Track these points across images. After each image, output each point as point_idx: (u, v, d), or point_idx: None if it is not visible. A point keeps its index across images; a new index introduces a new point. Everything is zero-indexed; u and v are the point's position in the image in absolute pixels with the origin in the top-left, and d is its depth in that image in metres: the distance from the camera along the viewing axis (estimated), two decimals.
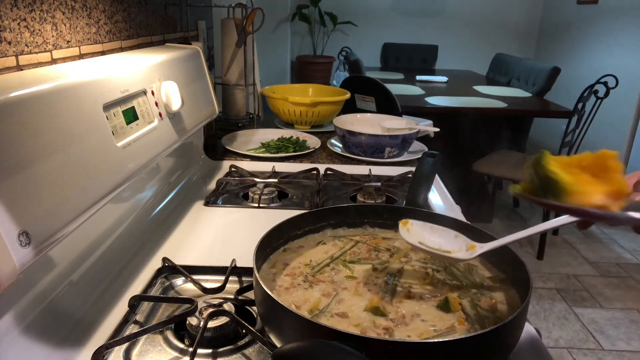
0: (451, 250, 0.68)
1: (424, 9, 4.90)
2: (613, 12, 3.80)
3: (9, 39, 0.73)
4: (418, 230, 0.71)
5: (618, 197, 0.52)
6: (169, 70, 1.03)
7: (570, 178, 0.51)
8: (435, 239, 0.70)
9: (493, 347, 0.55)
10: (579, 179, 0.52)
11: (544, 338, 2.16)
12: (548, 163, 0.52)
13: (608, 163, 0.51)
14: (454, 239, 0.70)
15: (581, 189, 0.51)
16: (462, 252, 0.68)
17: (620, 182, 0.51)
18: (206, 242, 0.95)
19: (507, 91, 3.40)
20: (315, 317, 0.61)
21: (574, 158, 0.53)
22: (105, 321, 0.69)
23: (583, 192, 0.51)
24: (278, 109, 1.71)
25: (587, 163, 0.52)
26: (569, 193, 0.51)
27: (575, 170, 0.52)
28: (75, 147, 0.66)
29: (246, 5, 1.58)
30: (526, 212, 3.49)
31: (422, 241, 0.70)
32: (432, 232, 0.71)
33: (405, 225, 0.71)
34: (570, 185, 0.51)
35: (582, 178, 0.52)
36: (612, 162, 0.51)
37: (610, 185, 0.51)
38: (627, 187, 0.51)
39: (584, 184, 0.51)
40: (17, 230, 0.53)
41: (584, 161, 0.52)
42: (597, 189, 0.51)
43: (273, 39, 4.42)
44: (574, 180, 0.51)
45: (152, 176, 1.08)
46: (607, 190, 0.51)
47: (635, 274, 2.77)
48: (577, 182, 0.51)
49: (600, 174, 0.52)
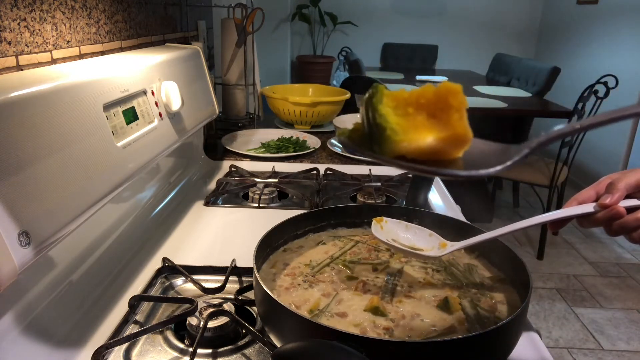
0: (424, 248, 0.68)
1: (424, 9, 4.90)
2: (613, 12, 3.80)
3: (9, 39, 0.73)
4: (392, 227, 0.71)
5: (458, 143, 0.44)
6: (169, 70, 1.03)
7: (400, 122, 0.43)
8: (409, 237, 0.70)
9: (493, 347, 0.55)
10: (411, 122, 0.43)
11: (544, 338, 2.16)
12: (379, 101, 0.43)
13: (450, 101, 0.43)
14: (428, 237, 0.70)
15: (408, 137, 0.42)
16: (434, 250, 0.68)
17: (458, 124, 0.43)
18: (206, 242, 0.95)
19: (507, 91, 3.40)
20: (315, 317, 0.61)
21: (413, 93, 0.44)
22: (105, 321, 0.69)
23: (410, 140, 0.42)
24: (278, 109, 1.71)
25: (426, 100, 0.43)
26: (393, 142, 0.42)
27: (411, 110, 0.43)
28: (75, 147, 0.66)
29: (246, 5, 1.58)
30: (526, 212, 3.49)
31: (395, 238, 0.70)
32: (406, 230, 0.71)
33: (379, 222, 0.71)
34: (394, 132, 0.42)
35: (416, 121, 0.43)
36: (455, 99, 0.43)
37: (448, 129, 0.43)
38: (467, 131, 0.43)
39: (415, 129, 0.43)
40: (17, 230, 0.53)
41: (423, 97, 0.43)
42: (430, 135, 0.43)
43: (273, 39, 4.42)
44: (405, 124, 0.43)
45: (152, 176, 1.08)
46: (443, 135, 0.43)
47: (635, 274, 2.77)
48: (408, 126, 0.43)
49: (440, 114, 0.43)
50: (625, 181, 0.57)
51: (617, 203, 0.55)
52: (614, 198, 0.55)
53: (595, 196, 0.59)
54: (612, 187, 0.57)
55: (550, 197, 2.84)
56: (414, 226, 0.71)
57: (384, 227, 0.71)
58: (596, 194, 0.59)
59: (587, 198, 0.59)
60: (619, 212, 0.55)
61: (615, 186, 0.56)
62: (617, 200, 0.55)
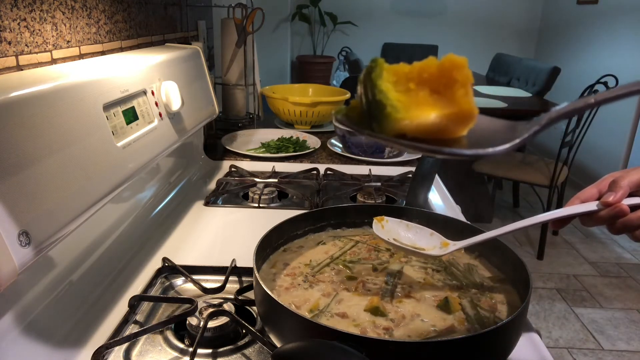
0: (425, 247, 0.68)
1: (424, 9, 4.90)
2: (613, 12, 3.80)
3: (9, 39, 0.73)
4: (393, 227, 0.71)
5: (463, 120, 0.41)
6: (169, 70, 1.03)
7: (400, 98, 0.39)
8: (410, 236, 0.70)
9: (493, 347, 0.55)
10: (413, 99, 0.40)
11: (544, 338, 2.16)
12: (379, 76, 0.40)
13: (454, 75, 0.40)
14: (429, 237, 0.70)
15: (409, 114, 0.39)
16: (436, 250, 0.68)
17: (463, 100, 0.40)
18: (206, 242, 0.95)
19: (507, 91, 3.40)
20: (315, 317, 0.61)
21: (415, 67, 0.41)
22: (105, 321, 0.69)
23: (411, 117, 0.39)
24: (278, 109, 1.71)
25: (428, 75, 0.40)
26: (393, 119, 0.39)
27: (413, 86, 0.40)
28: (75, 147, 0.66)
29: (246, 5, 1.58)
30: (526, 212, 3.48)
31: (396, 238, 0.69)
32: (407, 229, 0.71)
33: (380, 221, 0.71)
34: (395, 109, 0.39)
35: (419, 97, 0.40)
36: (459, 73, 0.40)
37: (452, 106, 0.40)
38: (472, 107, 0.40)
39: (417, 106, 0.40)
40: (17, 230, 0.53)
41: (426, 72, 0.40)
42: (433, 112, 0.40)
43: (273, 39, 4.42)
44: (406, 100, 0.39)
45: (152, 176, 1.08)
46: (447, 112, 0.40)
47: (635, 274, 2.77)
48: (409, 103, 0.39)
49: (444, 89, 0.40)
50: (628, 179, 0.56)
51: (620, 201, 0.55)
52: (617, 196, 0.55)
53: (597, 194, 0.59)
54: (615, 185, 0.56)
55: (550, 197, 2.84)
56: (415, 225, 0.71)
57: (385, 227, 0.71)
58: (599, 193, 0.59)
59: (590, 196, 0.59)
60: (622, 210, 0.55)
61: (618, 184, 0.56)
62: (620, 198, 0.55)
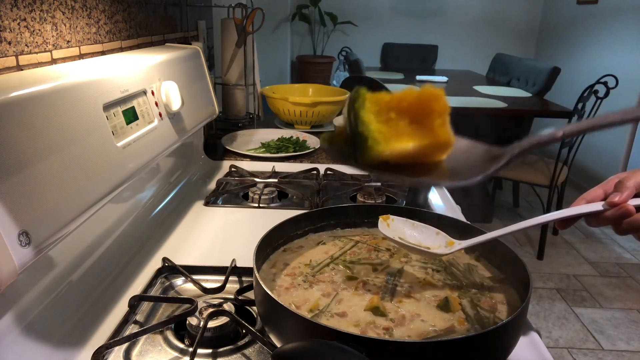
0: (431, 246, 0.68)
1: (424, 9, 4.90)
2: (613, 12, 3.80)
3: (9, 39, 0.73)
4: (399, 225, 0.71)
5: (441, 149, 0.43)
6: (169, 70, 1.03)
7: (382, 129, 0.41)
8: (416, 235, 0.70)
9: (493, 347, 0.55)
10: (393, 129, 0.42)
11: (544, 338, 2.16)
12: (361, 107, 0.42)
13: (431, 106, 0.42)
14: (435, 236, 0.70)
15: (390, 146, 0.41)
16: (442, 249, 0.68)
17: (440, 130, 0.42)
18: (206, 242, 0.95)
19: (507, 91, 3.40)
20: (315, 317, 0.61)
21: (395, 97, 0.43)
22: (105, 321, 0.69)
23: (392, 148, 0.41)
24: (278, 109, 1.71)
25: (408, 104, 0.42)
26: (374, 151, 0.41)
27: (393, 115, 0.42)
28: (75, 147, 0.66)
29: (246, 5, 1.58)
30: (526, 212, 3.49)
31: (402, 237, 0.69)
32: (412, 228, 0.71)
33: (386, 220, 0.71)
34: (376, 142, 0.41)
35: (399, 127, 0.42)
36: (436, 103, 0.42)
37: (430, 136, 0.42)
38: (449, 137, 0.43)
39: (397, 137, 0.41)
40: (17, 230, 0.53)
41: (405, 102, 0.42)
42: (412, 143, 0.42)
43: (273, 39, 4.42)
44: (387, 131, 0.41)
45: (152, 176, 1.08)
46: (425, 144, 0.42)
47: (635, 274, 2.77)
48: (390, 134, 0.41)
49: (422, 119, 0.42)
50: (634, 180, 0.56)
51: (626, 201, 0.55)
52: (623, 196, 0.55)
53: (603, 195, 0.58)
54: (621, 185, 0.56)
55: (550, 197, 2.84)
56: (420, 224, 0.71)
57: (390, 225, 0.71)
58: (604, 193, 0.58)
59: (596, 197, 0.58)
60: (628, 210, 0.54)
61: (624, 184, 0.56)
62: (626, 198, 0.55)
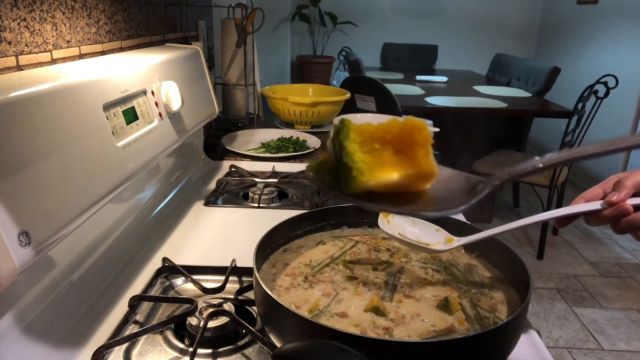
0: (430, 242, 0.69)
1: (424, 9, 4.90)
2: (613, 12, 3.80)
3: (9, 39, 0.73)
4: (398, 222, 0.71)
5: (424, 178, 0.45)
6: (169, 70, 1.03)
7: (365, 159, 0.42)
8: (415, 231, 0.71)
9: (493, 347, 0.55)
10: (377, 160, 0.43)
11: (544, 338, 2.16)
12: (346, 137, 0.43)
13: (414, 136, 0.43)
14: (434, 233, 0.70)
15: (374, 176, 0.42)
16: (441, 245, 0.68)
17: (423, 161, 0.43)
18: (206, 242, 0.95)
19: (507, 91, 3.40)
20: (315, 317, 0.61)
21: (379, 128, 0.44)
22: (105, 321, 0.69)
23: (376, 178, 0.43)
24: (278, 109, 1.71)
25: (391, 135, 0.43)
26: (358, 182, 0.42)
27: (377, 146, 0.43)
28: (75, 147, 0.66)
29: (246, 5, 1.58)
30: (526, 212, 3.48)
31: (401, 233, 0.70)
32: (412, 224, 0.72)
33: (386, 216, 0.72)
34: (360, 173, 0.42)
35: (383, 157, 0.43)
36: (419, 135, 0.43)
37: (413, 166, 0.43)
38: (432, 167, 0.44)
39: (381, 167, 0.43)
40: (17, 230, 0.53)
41: (389, 132, 0.43)
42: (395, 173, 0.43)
43: (273, 39, 4.42)
44: (371, 161, 0.43)
45: (152, 176, 1.08)
46: (409, 173, 0.43)
47: (635, 274, 2.77)
48: (374, 164, 0.43)
49: (405, 150, 0.43)
50: (632, 179, 0.56)
51: (624, 200, 0.55)
52: (621, 195, 0.55)
53: (602, 194, 0.59)
54: (620, 184, 0.56)
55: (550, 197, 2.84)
56: (420, 221, 0.72)
57: (390, 222, 0.71)
58: (603, 192, 0.59)
59: (595, 196, 0.59)
60: (626, 209, 0.55)
61: (622, 184, 0.56)
62: (625, 197, 0.55)
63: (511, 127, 3.40)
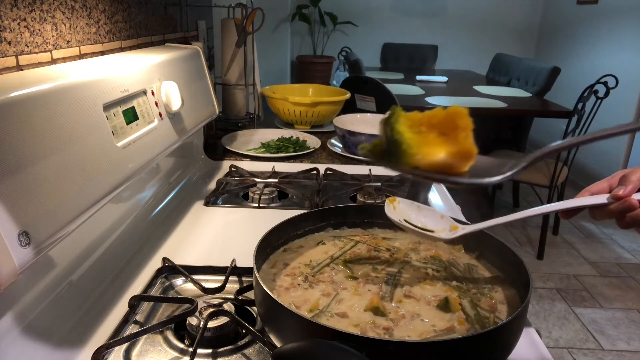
0: (435, 229, 0.69)
1: (424, 9, 4.90)
2: (613, 12, 3.80)
3: (9, 39, 0.73)
4: (404, 208, 0.72)
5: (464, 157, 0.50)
6: (169, 70, 1.03)
7: (414, 138, 0.49)
8: (421, 219, 0.71)
9: (493, 347, 0.55)
10: (423, 139, 0.49)
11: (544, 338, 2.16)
12: (396, 121, 0.49)
13: (457, 121, 0.49)
14: (440, 220, 0.71)
15: (421, 151, 0.49)
16: (445, 232, 0.69)
17: (465, 142, 0.49)
18: (206, 242, 0.95)
19: (507, 91, 3.40)
20: (315, 317, 0.61)
21: (425, 114, 0.50)
22: (105, 321, 0.69)
23: (423, 153, 0.49)
24: (278, 109, 1.71)
25: (437, 121, 0.49)
26: (408, 155, 0.49)
27: (424, 129, 0.50)
28: (75, 147, 0.66)
29: (246, 5, 1.58)
30: None
31: (407, 219, 0.70)
32: (418, 211, 0.72)
33: (392, 202, 0.72)
34: (409, 146, 0.49)
35: (429, 138, 0.49)
36: (462, 120, 0.49)
37: (455, 145, 0.49)
38: (472, 147, 0.50)
39: (427, 145, 0.49)
40: (17, 230, 0.53)
41: (435, 118, 0.50)
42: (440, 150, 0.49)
43: (273, 39, 4.42)
44: (418, 140, 0.49)
45: (152, 176, 1.08)
46: (451, 150, 0.49)
47: (635, 274, 2.77)
48: (421, 142, 0.49)
49: (449, 133, 0.49)
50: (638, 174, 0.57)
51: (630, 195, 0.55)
52: (627, 190, 0.55)
53: (608, 188, 0.59)
54: (626, 179, 0.57)
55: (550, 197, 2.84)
56: (425, 207, 0.72)
57: (396, 208, 0.71)
58: (609, 187, 0.59)
59: (601, 190, 0.59)
60: (632, 204, 0.55)
61: (628, 178, 0.57)
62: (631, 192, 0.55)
63: (511, 127, 3.40)
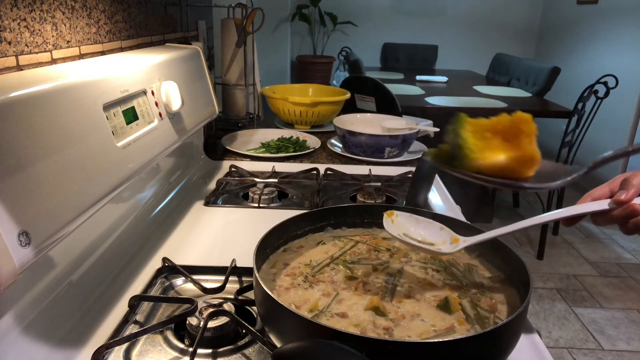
0: (435, 242, 0.69)
1: (424, 9, 4.90)
2: (613, 12, 3.80)
3: (9, 39, 0.73)
4: (403, 221, 0.71)
5: (528, 162, 0.51)
6: (169, 70, 1.03)
7: (477, 143, 0.50)
8: (420, 231, 0.70)
9: (493, 347, 0.55)
10: (487, 144, 0.50)
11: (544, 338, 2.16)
12: (461, 127, 0.51)
13: (521, 127, 0.50)
14: (439, 232, 0.70)
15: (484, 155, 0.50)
16: (446, 245, 0.68)
17: (528, 147, 0.50)
18: (206, 242, 0.95)
19: (507, 91, 3.40)
20: (315, 317, 0.61)
21: (490, 121, 0.51)
22: (105, 321, 0.69)
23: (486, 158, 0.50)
24: (278, 109, 1.71)
25: (501, 127, 0.51)
26: (471, 159, 0.50)
27: (488, 135, 0.51)
28: (75, 147, 0.66)
29: (246, 5, 1.58)
30: (526, 212, 3.48)
31: (406, 233, 0.70)
32: (417, 224, 0.71)
33: (390, 216, 0.71)
34: (472, 151, 0.50)
35: (492, 143, 0.50)
36: (526, 126, 0.50)
37: (519, 150, 0.50)
38: (535, 153, 0.50)
39: (490, 150, 0.50)
40: (17, 230, 0.53)
41: (499, 125, 0.51)
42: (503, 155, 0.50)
43: (273, 39, 4.42)
44: (482, 145, 0.50)
45: (152, 176, 1.08)
46: (514, 156, 0.50)
47: (635, 274, 2.77)
48: (484, 147, 0.50)
49: (512, 139, 0.50)
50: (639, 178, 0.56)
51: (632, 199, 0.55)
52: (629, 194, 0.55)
53: (609, 193, 0.58)
54: (627, 183, 0.56)
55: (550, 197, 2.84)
56: (424, 220, 0.72)
57: (395, 221, 0.71)
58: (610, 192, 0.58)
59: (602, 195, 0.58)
60: (635, 210, 0.54)
61: (630, 182, 0.56)
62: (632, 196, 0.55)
63: None
